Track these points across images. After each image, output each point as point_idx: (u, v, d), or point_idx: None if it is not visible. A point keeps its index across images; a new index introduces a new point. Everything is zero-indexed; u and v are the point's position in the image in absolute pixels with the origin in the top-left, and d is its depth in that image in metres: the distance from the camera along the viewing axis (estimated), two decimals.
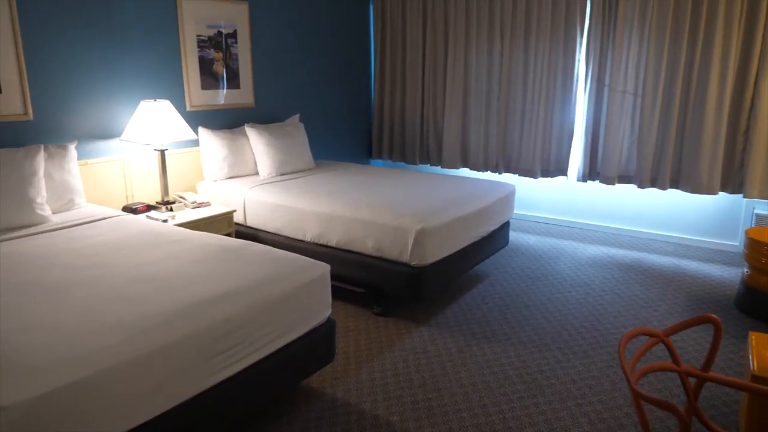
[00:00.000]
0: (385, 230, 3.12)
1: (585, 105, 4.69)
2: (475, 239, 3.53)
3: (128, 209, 3.45)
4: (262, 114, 4.60)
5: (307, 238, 3.48)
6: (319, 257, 3.38)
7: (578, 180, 4.82)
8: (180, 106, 3.96)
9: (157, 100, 3.52)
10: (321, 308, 2.36)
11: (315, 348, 2.35)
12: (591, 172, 4.77)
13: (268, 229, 3.69)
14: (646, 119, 4.40)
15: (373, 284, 3.27)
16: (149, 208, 3.52)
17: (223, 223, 3.61)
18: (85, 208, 3.16)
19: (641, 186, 4.52)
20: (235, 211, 3.69)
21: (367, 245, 3.21)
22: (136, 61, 3.64)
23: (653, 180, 4.50)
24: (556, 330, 3.15)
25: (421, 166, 5.75)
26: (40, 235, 2.65)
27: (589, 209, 5.11)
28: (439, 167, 5.53)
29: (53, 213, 3.01)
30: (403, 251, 3.07)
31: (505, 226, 3.99)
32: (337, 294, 3.55)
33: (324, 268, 2.37)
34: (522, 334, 3.11)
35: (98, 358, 1.56)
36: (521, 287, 3.76)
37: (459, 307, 3.45)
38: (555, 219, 5.30)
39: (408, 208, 3.23)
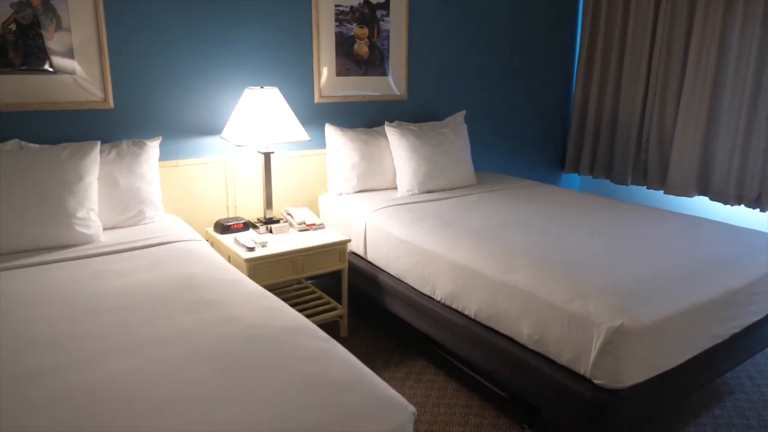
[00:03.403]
0: (553, 314, 1.85)
1: None
2: (720, 340, 2.02)
3: (219, 226, 2.71)
4: (416, 110, 3.54)
5: (437, 296, 2.35)
6: (448, 328, 2.26)
7: None
8: (306, 97, 3.11)
9: (264, 87, 2.70)
10: None
11: None
12: None
13: (390, 270, 2.64)
14: None
15: (524, 394, 2.01)
16: (246, 226, 2.74)
17: (332, 256, 2.66)
18: (157, 223, 2.48)
19: None
20: (349, 240, 2.72)
21: (521, 329, 1.96)
22: (253, 37, 2.87)
23: None
24: None
25: (633, 188, 4.13)
26: (58, 265, 1.97)
27: None
28: (662, 192, 3.88)
29: (113, 228, 2.36)
30: (580, 357, 1.77)
31: None
32: (472, 387, 2.36)
33: (402, 417, 1.22)
34: None
35: None
36: None
37: None
38: None
39: (600, 276, 1.90)
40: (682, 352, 1.86)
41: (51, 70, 2.40)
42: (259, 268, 2.44)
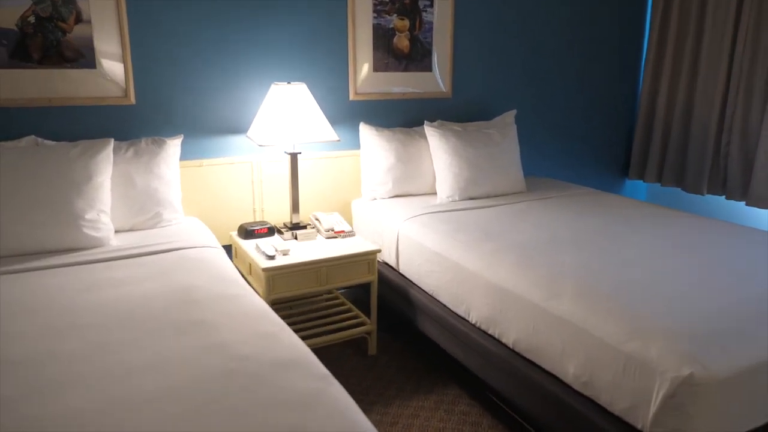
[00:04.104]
0: (604, 353, 1.54)
1: None
2: None
3: (243, 231, 2.54)
4: (461, 108, 3.26)
5: (471, 319, 2.08)
6: (482, 356, 2.00)
7: None
8: (341, 94, 2.90)
9: (291, 82, 2.51)
10: None
11: None
12: None
13: (422, 285, 2.39)
14: None
15: None
16: (270, 231, 2.56)
17: (360, 267, 2.44)
18: (175, 226, 2.33)
19: None
20: (379, 251, 2.48)
21: (566, 367, 1.67)
22: (284, 29, 2.68)
23: None
24: None
25: (709, 199, 3.67)
26: (61, 270, 1.84)
27: None
28: (743, 204, 3.41)
29: (129, 231, 2.24)
30: (638, 408, 1.46)
31: None
32: (509, 425, 2.07)
33: None
34: None
35: None
36: None
37: None
38: None
39: (665, 311, 1.58)
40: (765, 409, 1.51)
41: (70, 64, 2.30)
42: (278, 279, 2.25)
